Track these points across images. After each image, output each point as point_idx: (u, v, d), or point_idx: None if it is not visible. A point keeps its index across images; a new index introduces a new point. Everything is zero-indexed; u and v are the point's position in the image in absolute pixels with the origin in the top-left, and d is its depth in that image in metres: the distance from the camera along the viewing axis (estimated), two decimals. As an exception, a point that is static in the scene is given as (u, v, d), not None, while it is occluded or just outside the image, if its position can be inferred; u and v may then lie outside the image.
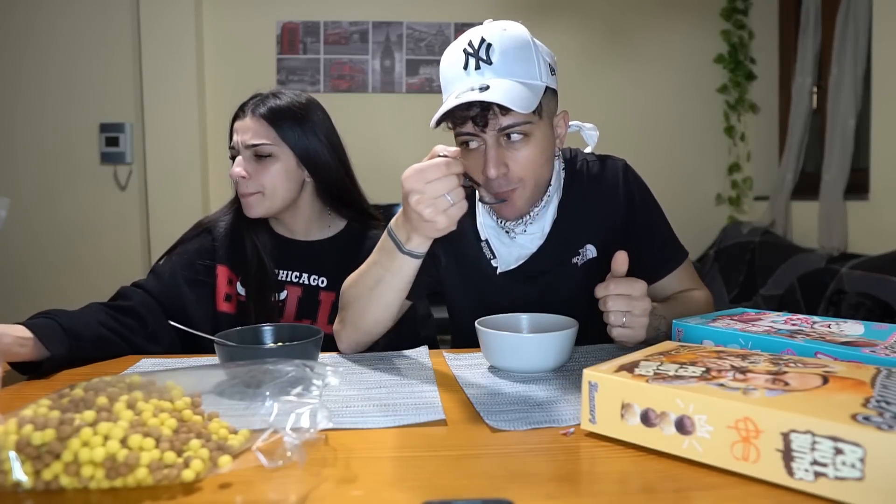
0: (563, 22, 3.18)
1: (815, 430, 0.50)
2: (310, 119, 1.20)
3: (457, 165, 0.80)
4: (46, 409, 0.56)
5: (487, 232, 1.08)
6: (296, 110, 1.19)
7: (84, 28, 2.91)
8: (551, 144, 1.00)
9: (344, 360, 1.00)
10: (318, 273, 1.22)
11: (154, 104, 2.94)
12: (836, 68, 2.66)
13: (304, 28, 3.13)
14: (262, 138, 1.16)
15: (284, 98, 1.19)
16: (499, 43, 0.90)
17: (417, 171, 0.80)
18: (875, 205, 2.52)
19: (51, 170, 2.95)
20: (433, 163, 0.80)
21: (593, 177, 1.12)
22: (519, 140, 0.94)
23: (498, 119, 0.91)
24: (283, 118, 1.17)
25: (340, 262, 1.19)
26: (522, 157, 0.94)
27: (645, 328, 0.89)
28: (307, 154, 1.18)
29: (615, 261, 0.89)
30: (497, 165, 0.93)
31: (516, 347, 0.88)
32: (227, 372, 0.68)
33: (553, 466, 0.60)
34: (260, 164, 1.16)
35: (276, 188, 1.17)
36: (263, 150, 1.16)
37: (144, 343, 1.09)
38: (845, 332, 0.80)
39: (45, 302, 3.22)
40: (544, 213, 1.06)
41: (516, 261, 1.07)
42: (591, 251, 1.11)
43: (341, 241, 1.25)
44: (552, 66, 0.97)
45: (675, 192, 3.28)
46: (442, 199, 0.80)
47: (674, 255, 1.15)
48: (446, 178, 0.79)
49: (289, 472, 0.57)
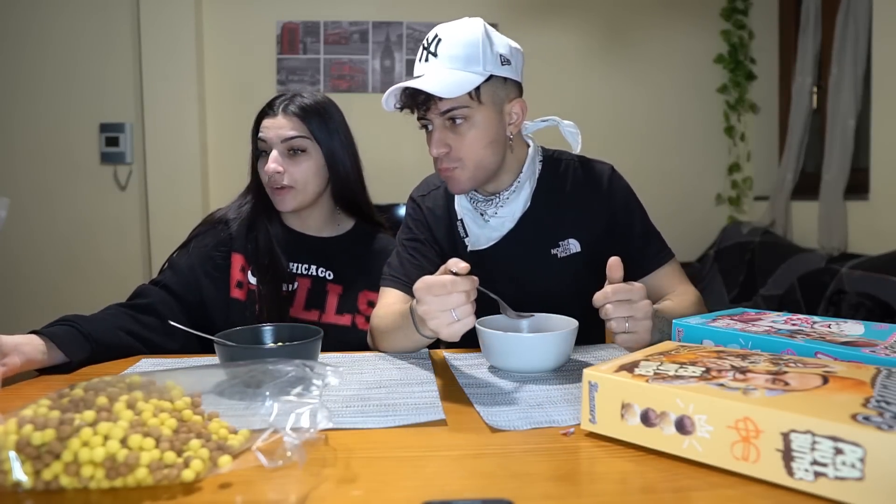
0: (563, 22, 3.18)
1: (815, 430, 0.50)
2: (333, 119, 1.24)
3: (465, 283, 0.80)
4: (46, 409, 0.56)
5: (463, 212, 1.16)
6: (321, 109, 1.23)
7: (84, 28, 2.91)
8: (496, 129, 1.06)
9: (344, 359, 1.00)
10: (326, 266, 1.26)
11: (154, 104, 2.94)
12: (836, 68, 2.66)
13: (304, 28, 3.13)
14: (296, 132, 1.19)
15: (309, 97, 1.23)
16: (447, 37, 1.02)
17: (427, 284, 0.81)
18: (875, 205, 2.52)
19: (51, 170, 2.94)
20: (441, 279, 0.80)
21: (578, 177, 1.17)
22: (462, 123, 1.03)
23: (437, 104, 1.02)
24: (313, 115, 1.21)
25: (348, 258, 1.27)
26: (463, 139, 1.04)
27: (649, 331, 0.89)
28: (331, 153, 1.23)
29: (610, 267, 0.89)
30: (437, 145, 1.04)
31: (516, 347, 0.88)
32: (227, 372, 0.68)
33: (553, 466, 0.60)
34: (293, 160, 1.20)
35: (307, 183, 1.21)
36: (300, 144, 1.20)
37: (163, 340, 1.11)
38: (845, 332, 0.80)
39: (45, 302, 3.21)
40: (515, 198, 1.12)
41: (487, 241, 1.14)
42: (575, 245, 1.14)
43: (349, 241, 1.30)
44: (506, 58, 1.04)
45: (675, 192, 3.28)
46: (447, 313, 0.80)
47: (658, 254, 1.17)
48: (452, 296, 0.80)
49: (289, 472, 0.57)
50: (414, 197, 1.26)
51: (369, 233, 1.32)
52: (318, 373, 0.64)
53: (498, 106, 1.06)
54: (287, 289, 1.22)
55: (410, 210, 1.25)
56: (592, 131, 1.21)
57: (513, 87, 1.08)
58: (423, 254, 1.18)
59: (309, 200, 1.23)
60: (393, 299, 1.11)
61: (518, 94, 1.09)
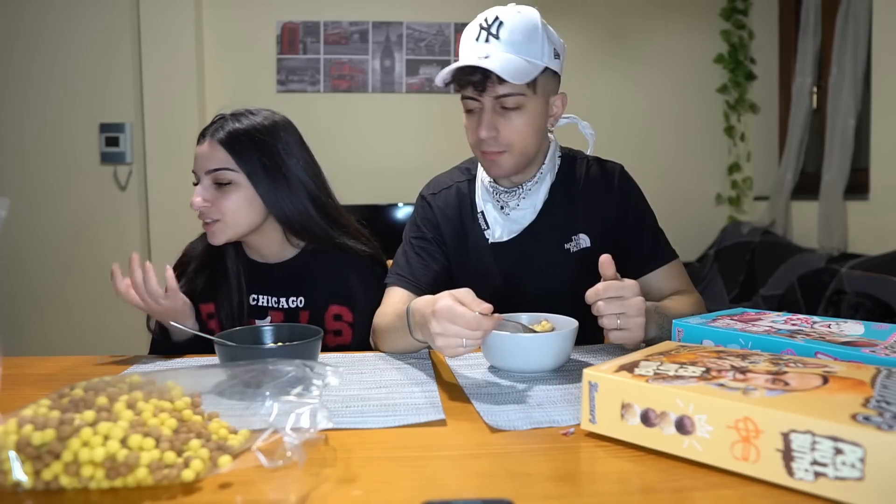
0: (563, 22, 3.15)
1: (815, 430, 0.50)
2: (274, 146, 1.13)
3: (488, 322, 0.79)
4: (46, 409, 0.56)
5: (484, 205, 1.17)
6: (255, 136, 1.12)
7: (84, 28, 2.91)
8: (543, 120, 1.09)
9: (344, 359, 1.00)
10: (296, 294, 1.19)
11: (154, 104, 2.94)
12: (836, 68, 2.66)
13: (304, 28, 3.12)
14: (220, 164, 1.11)
15: (246, 121, 1.14)
16: (509, 22, 1.02)
17: (452, 313, 0.79)
18: (875, 205, 2.52)
19: (51, 170, 2.94)
20: (466, 314, 0.78)
21: (591, 174, 1.19)
22: (512, 109, 1.04)
23: (495, 87, 1.02)
24: (242, 143, 1.11)
25: (314, 279, 1.19)
26: (513, 124, 1.05)
27: (642, 328, 0.88)
28: (265, 187, 1.12)
29: (601, 265, 0.89)
30: (489, 128, 1.05)
31: (516, 347, 0.88)
32: (227, 372, 0.68)
33: (553, 466, 0.60)
34: (221, 192, 1.11)
35: (237, 216, 1.12)
36: (223, 178, 1.11)
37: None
38: (845, 332, 0.80)
39: (45, 302, 3.20)
40: (537, 189, 1.14)
41: (508, 234, 1.15)
42: (585, 240, 1.16)
43: (306, 260, 1.21)
44: (557, 52, 1.07)
45: (676, 192, 3.28)
46: (457, 340, 0.80)
47: (662, 252, 1.18)
48: (471, 332, 0.79)
49: (289, 472, 0.57)
50: (425, 195, 1.24)
51: (326, 253, 1.20)
52: (318, 373, 0.64)
53: (546, 97, 1.09)
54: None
55: (420, 208, 1.24)
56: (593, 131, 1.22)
57: (558, 80, 1.11)
58: (430, 253, 1.18)
59: (244, 233, 1.14)
60: (397, 298, 1.11)
61: (560, 88, 1.12)
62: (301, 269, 1.20)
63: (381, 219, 3.02)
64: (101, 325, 2.91)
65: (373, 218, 3.05)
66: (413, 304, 0.91)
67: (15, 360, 1.00)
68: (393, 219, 3.01)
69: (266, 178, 1.12)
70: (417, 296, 1.06)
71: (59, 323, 2.94)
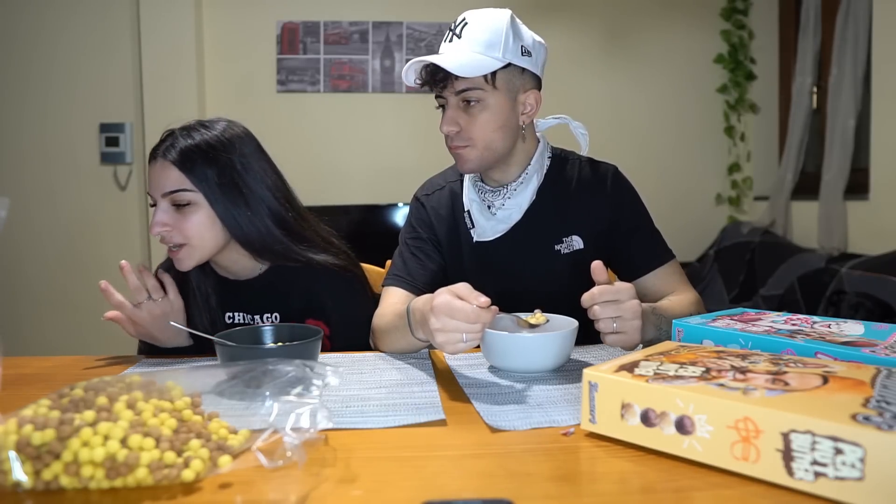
0: (562, 22, 3.18)
1: (815, 430, 0.50)
2: (226, 160, 1.05)
3: (486, 315, 0.79)
4: (46, 409, 0.56)
5: (470, 204, 1.18)
6: (209, 151, 1.04)
7: (84, 28, 2.91)
8: (507, 115, 1.09)
9: (344, 359, 1.00)
10: (270, 310, 1.15)
11: (154, 104, 2.94)
12: (835, 68, 2.66)
13: (304, 28, 3.12)
14: (175, 185, 1.03)
15: (198, 136, 1.06)
16: (473, 22, 1.06)
17: (451, 307, 0.79)
18: (875, 205, 2.52)
19: (51, 170, 2.94)
20: (465, 308, 0.79)
21: (584, 175, 1.19)
22: (475, 105, 1.07)
23: (454, 83, 1.06)
24: (195, 161, 1.04)
25: (286, 295, 1.14)
26: (475, 119, 1.07)
27: (638, 331, 0.88)
28: (222, 206, 1.05)
29: (594, 271, 0.89)
30: (449, 122, 1.08)
31: (516, 347, 0.88)
32: (227, 372, 0.68)
33: (553, 466, 0.60)
34: (181, 213, 1.04)
35: (203, 238, 1.05)
36: (181, 199, 1.03)
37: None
38: (845, 332, 0.80)
39: (45, 302, 3.21)
40: (523, 189, 1.15)
41: (493, 234, 1.15)
42: (578, 242, 1.16)
43: (277, 273, 1.14)
44: (528, 49, 1.08)
45: (675, 192, 3.28)
46: (457, 335, 0.80)
47: (659, 253, 1.18)
48: (470, 325, 0.79)
49: (289, 472, 0.57)
50: (418, 196, 1.26)
51: (295, 267, 1.12)
52: (318, 373, 0.64)
53: (512, 94, 1.09)
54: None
55: (414, 209, 1.25)
56: (592, 131, 1.22)
57: (530, 78, 1.11)
58: (426, 252, 1.19)
59: (211, 253, 1.08)
60: (396, 299, 1.11)
61: (535, 87, 1.12)
62: (273, 284, 1.14)
63: (380, 219, 3.02)
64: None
65: (373, 218, 3.08)
66: (413, 303, 0.92)
67: (15, 360, 1.00)
68: (392, 219, 3.01)
69: (222, 196, 1.05)
70: (415, 295, 1.06)
71: (58, 323, 2.94)
